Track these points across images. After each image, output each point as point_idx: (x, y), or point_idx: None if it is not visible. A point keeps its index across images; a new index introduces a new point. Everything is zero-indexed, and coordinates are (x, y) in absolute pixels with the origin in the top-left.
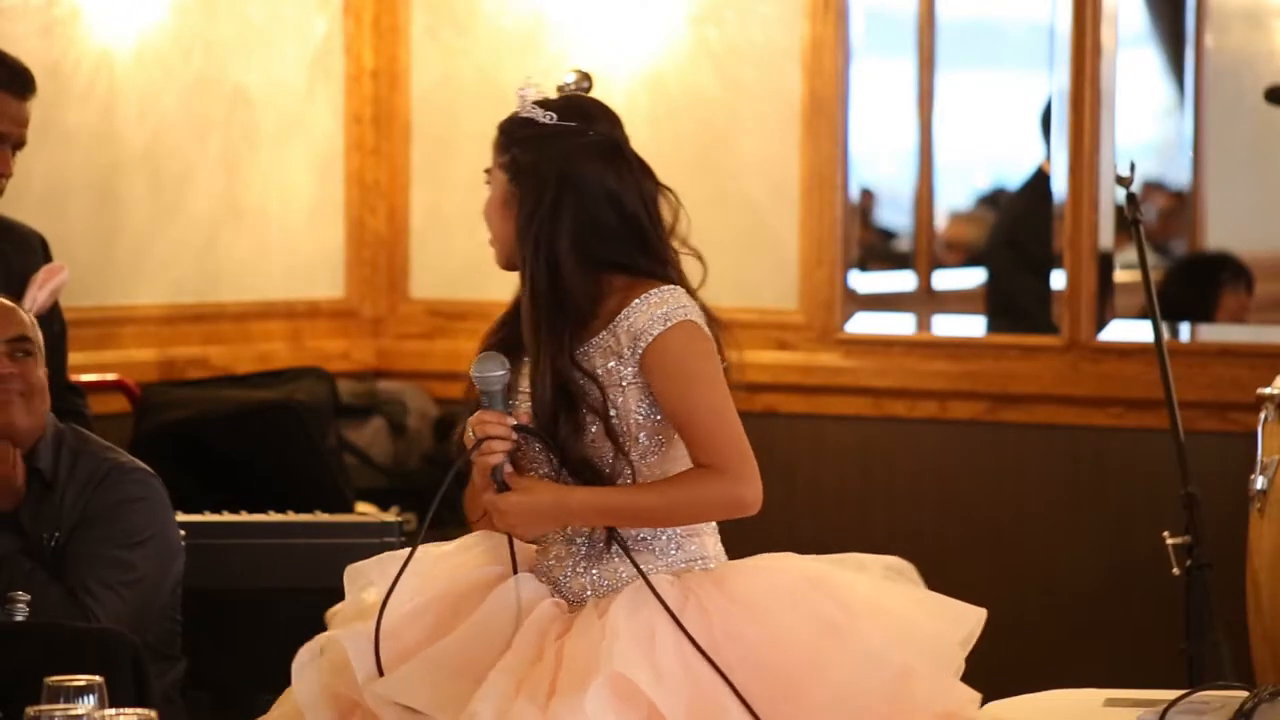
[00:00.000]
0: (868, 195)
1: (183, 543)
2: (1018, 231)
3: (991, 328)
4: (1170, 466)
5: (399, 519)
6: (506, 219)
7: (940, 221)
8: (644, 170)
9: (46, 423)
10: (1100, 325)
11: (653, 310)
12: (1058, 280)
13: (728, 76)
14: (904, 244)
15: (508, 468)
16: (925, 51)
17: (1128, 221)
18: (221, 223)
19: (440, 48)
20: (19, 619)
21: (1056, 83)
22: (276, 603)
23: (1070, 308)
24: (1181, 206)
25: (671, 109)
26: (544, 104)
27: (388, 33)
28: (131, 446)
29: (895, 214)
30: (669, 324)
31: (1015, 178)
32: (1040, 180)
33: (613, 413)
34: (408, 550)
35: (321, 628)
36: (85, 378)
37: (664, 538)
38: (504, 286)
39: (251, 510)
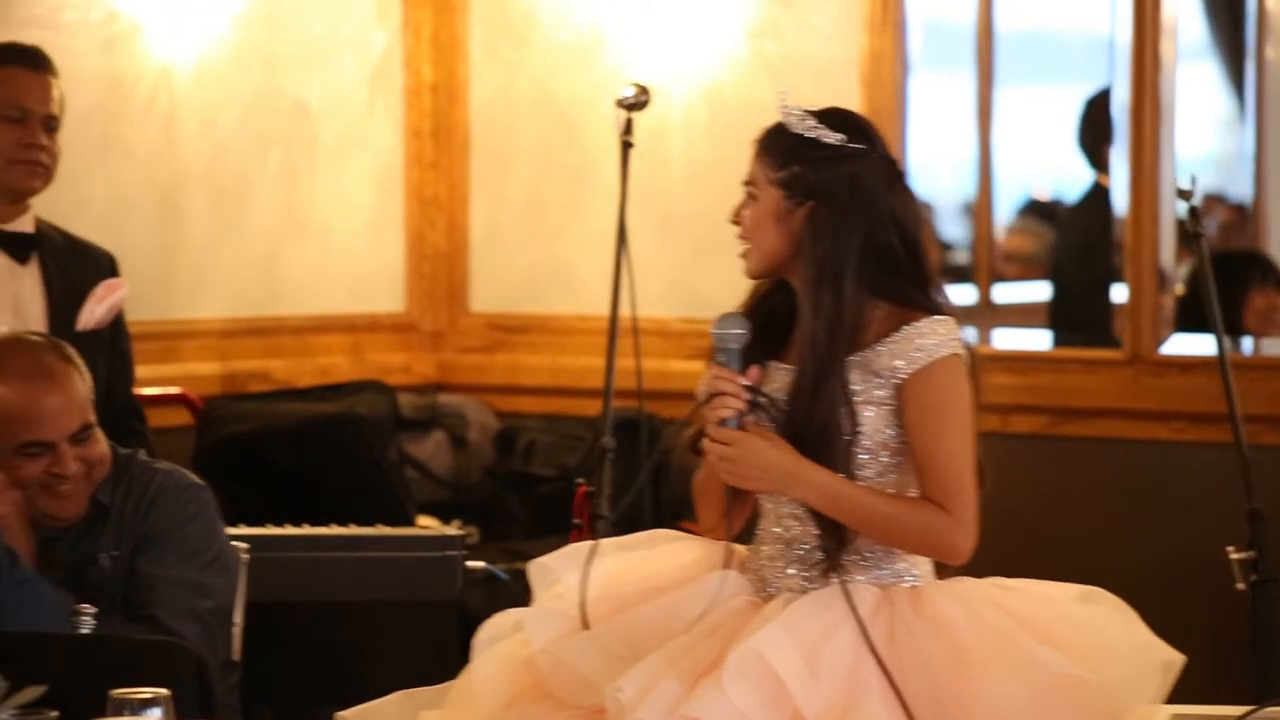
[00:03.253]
0: (926, 208)
1: (244, 555)
2: (1081, 246)
3: (1058, 342)
4: (1234, 481)
5: (460, 532)
6: (776, 232)
7: (996, 234)
8: (914, 194)
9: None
10: (1161, 339)
11: (923, 339)
12: (1119, 294)
13: (786, 90)
14: (962, 256)
15: (748, 417)
16: (984, 64)
17: (1189, 235)
18: (282, 237)
19: (498, 62)
20: (85, 631)
21: (1117, 95)
22: (338, 615)
23: (1132, 321)
24: (1243, 220)
25: (730, 122)
26: (823, 120)
27: (446, 47)
28: (194, 460)
29: (953, 227)
30: (935, 356)
31: (1071, 191)
32: (1098, 194)
33: (860, 429)
34: (591, 543)
35: (383, 640)
36: (148, 391)
37: (879, 550)
38: (565, 299)
39: (313, 523)
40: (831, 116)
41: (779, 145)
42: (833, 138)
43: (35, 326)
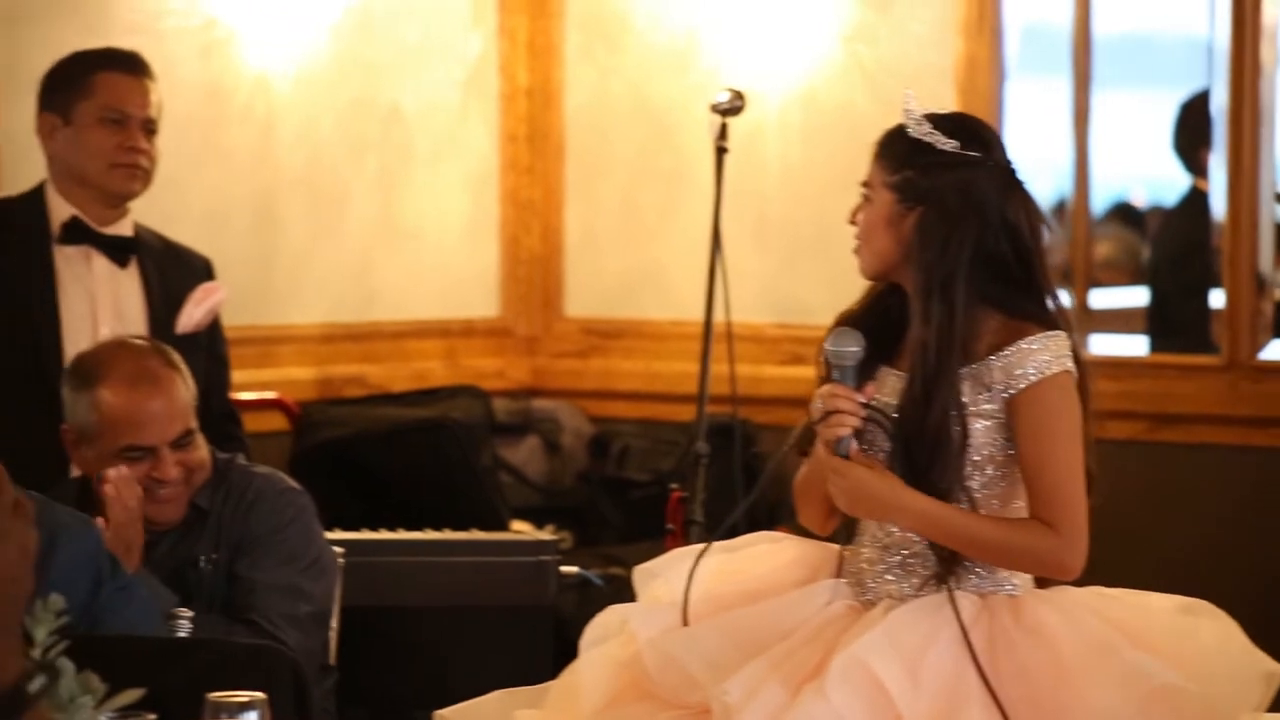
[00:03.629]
0: None
1: (340, 560)
2: (1178, 251)
3: (1155, 347)
4: None
5: (554, 537)
6: (886, 236)
7: None
8: (1033, 201)
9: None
10: (1260, 345)
11: (1036, 355)
12: (1217, 299)
13: (880, 94)
14: (1055, 262)
15: (853, 444)
16: (1081, 69)
17: None
18: (378, 242)
19: (593, 66)
20: (182, 635)
21: (1216, 99)
22: (433, 620)
23: (1230, 327)
24: None
25: (824, 126)
26: (939, 126)
27: (542, 52)
28: (290, 464)
29: (1046, 232)
30: (1047, 373)
31: (1165, 195)
32: (1196, 198)
33: (969, 442)
34: (699, 546)
35: (477, 645)
36: (244, 396)
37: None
38: (659, 304)
39: (408, 528)
40: (949, 122)
41: (895, 149)
42: (947, 144)
43: (136, 329)
